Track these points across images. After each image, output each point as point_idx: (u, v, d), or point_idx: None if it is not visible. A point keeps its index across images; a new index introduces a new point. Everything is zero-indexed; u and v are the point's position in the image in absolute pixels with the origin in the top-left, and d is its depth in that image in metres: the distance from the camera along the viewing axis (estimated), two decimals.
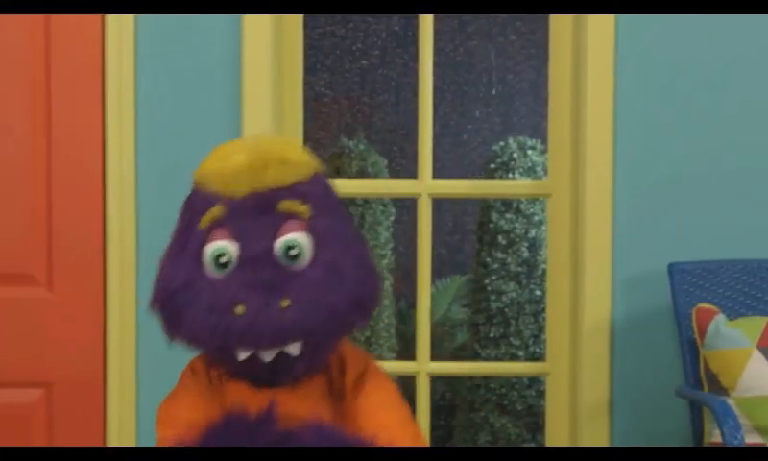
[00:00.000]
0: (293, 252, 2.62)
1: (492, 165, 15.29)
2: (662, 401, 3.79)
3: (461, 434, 15.50)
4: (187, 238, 2.73)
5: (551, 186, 3.84)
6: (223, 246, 2.63)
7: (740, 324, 3.47)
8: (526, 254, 15.18)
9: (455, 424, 16.11)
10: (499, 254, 16.02)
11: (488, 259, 15.93)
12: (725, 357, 3.43)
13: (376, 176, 15.56)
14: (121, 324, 4.22)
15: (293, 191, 2.71)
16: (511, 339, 15.97)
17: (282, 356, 2.60)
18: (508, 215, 16.19)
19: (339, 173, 15.51)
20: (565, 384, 3.85)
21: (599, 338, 3.75)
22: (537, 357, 14.59)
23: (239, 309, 2.58)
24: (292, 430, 2.55)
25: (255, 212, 2.71)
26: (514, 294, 16.27)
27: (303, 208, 2.69)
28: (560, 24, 3.83)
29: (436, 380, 15.74)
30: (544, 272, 15.21)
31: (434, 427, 16.50)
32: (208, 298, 2.62)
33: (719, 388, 3.39)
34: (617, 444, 3.81)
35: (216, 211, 2.70)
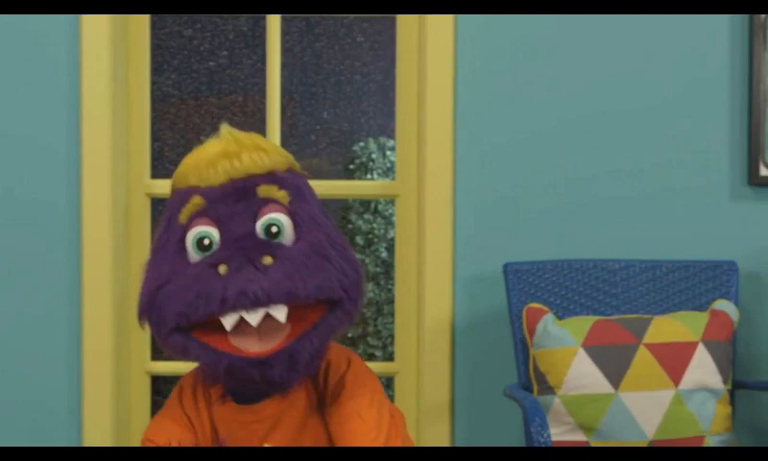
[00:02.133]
0: (274, 229, 2.52)
1: (352, 166, 15.27)
2: (500, 401, 3.80)
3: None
4: (168, 237, 2.61)
5: (399, 187, 3.81)
6: (204, 230, 2.53)
7: (569, 323, 3.47)
8: (384, 255, 15.21)
9: None
10: (358, 255, 16.00)
11: None
12: (552, 356, 3.43)
13: None
14: None
15: (270, 177, 2.65)
16: (369, 339, 15.98)
17: (273, 360, 2.47)
18: (366, 216, 16.20)
19: None
20: (413, 384, 3.82)
21: (441, 338, 3.72)
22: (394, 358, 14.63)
23: (222, 268, 2.49)
24: None
25: (234, 198, 2.64)
26: (372, 294, 16.28)
27: (282, 194, 2.63)
28: (405, 25, 3.80)
29: None
30: None
31: None
32: (192, 276, 2.50)
33: (547, 387, 3.38)
34: (459, 444, 3.79)
35: (195, 202, 2.62)
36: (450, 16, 3.79)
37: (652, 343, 3.53)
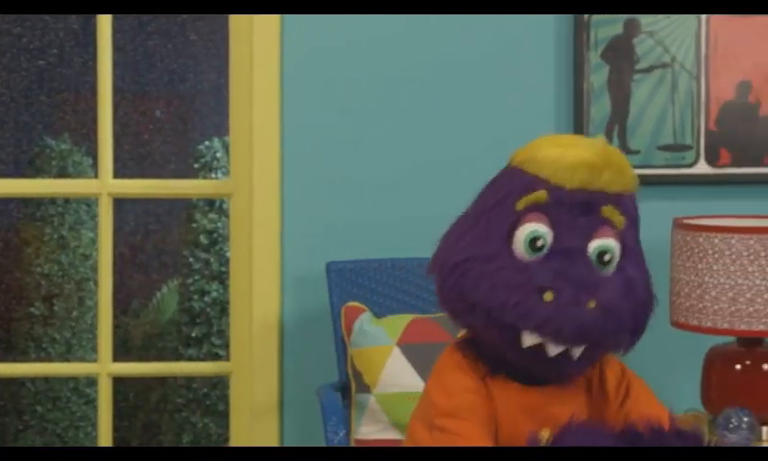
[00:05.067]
0: (606, 257, 2.47)
1: (197, 165, 15.17)
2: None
3: (166, 434, 15.34)
4: (497, 215, 2.50)
5: (233, 186, 3.80)
6: (541, 231, 2.43)
7: (385, 322, 3.47)
8: (229, 254, 15.17)
9: (149, 424, 15.92)
10: (202, 254, 15.88)
11: (191, 259, 15.78)
12: (368, 355, 3.42)
13: (79, 175, 15.17)
14: None
15: (617, 200, 2.57)
16: (212, 339, 15.88)
17: (563, 356, 2.41)
18: (211, 215, 16.09)
19: (39, 173, 15.10)
20: (247, 383, 3.81)
21: (269, 338, 3.73)
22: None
23: (548, 295, 2.41)
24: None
25: (578, 208, 2.55)
26: (216, 294, 16.16)
27: (621, 219, 2.57)
28: (237, 24, 3.80)
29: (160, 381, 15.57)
30: None
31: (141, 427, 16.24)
32: (514, 275, 2.41)
33: (363, 385, 3.39)
34: (287, 443, 3.80)
35: (540, 195, 2.51)
36: (276, 16, 3.80)
37: None
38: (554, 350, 2.30)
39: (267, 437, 3.76)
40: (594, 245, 2.40)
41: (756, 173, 3.33)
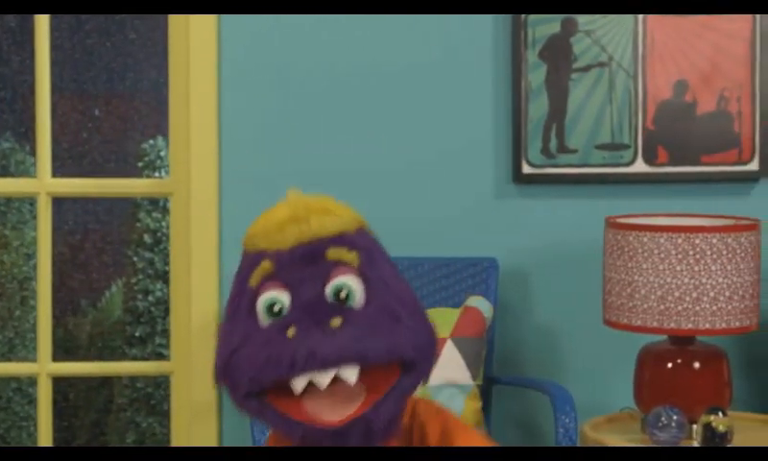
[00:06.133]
0: (343, 293, 2.46)
1: (141, 163, 15.09)
2: None
3: (111, 435, 15.26)
4: (240, 301, 2.52)
5: (172, 185, 3.78)
6: (274, 295, 2.47)
7: None
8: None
9: (94, 424, 15.83)
10: (146, 254, 15.79)
11: (135, 259, 15.68)
12: None
13: (21, 174, 15.04)
14: None
15: (340, 240, 2.60)
16: (157, 338, 15.81)
17: (342, 388, 2.40)
18: (155, 214, 16.01)
19: None
20: (187, 383, 3.80)
21: (209, 337, 3.72)
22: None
23: (290, 332, 2.40)
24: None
25: (304, 262, 2.59)
26: (160, 293, 16.09)
27: (352, 256, 2.58)
28: (176, 23, 3.78)
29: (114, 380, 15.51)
30: None
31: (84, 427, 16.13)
32: (263, 341, 2.41)
33: None
34: (227, 444, 3.78)
35: (265, 266, 2.56)
36: (213, 16, 3.79)
37: None
38: (323, 380, 2.33)
39: (206, 437, 3.75)
40: (330, 287, 2.44)
41: (694, 172, 3.35)
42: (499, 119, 3.61)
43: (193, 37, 3.72)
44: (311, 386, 2.31)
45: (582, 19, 3.33)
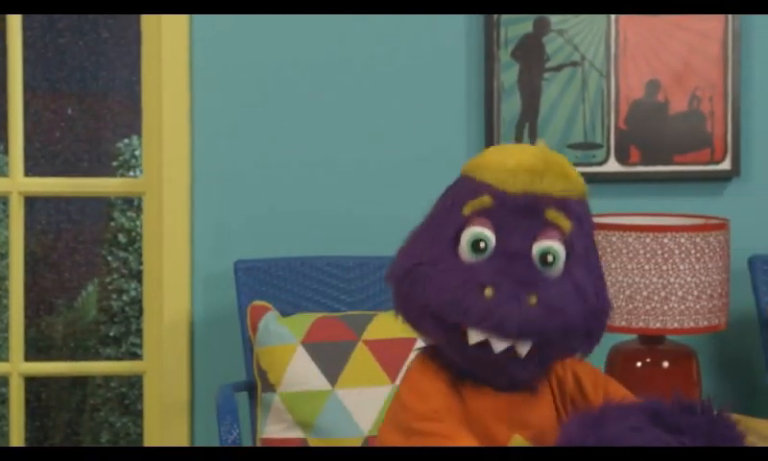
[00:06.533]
0: (549, 258, 2.46)
1: (116, 163, 15.06)
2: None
3: (85, 435, 15.23)
4: (446, 221, 2.52)
5: (145, 184, 3.78)
6: (484, 233, 2.44)
7: (290, 321, 3.48)
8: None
9: (68, 423, 15.80)
10: (121, 253, 15.76)
11: (109, 258, 15.65)
12: (272, 354, 3.43)
13: None
14: None
15: (562, 204, 2.60)
16: (131, 338, 15.78)
17: (511, 356, 2.40)
18: (129, 213, 15.98)
19: None
20: (159, 382, 3.79)
21: (180, 337, 3.71)
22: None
23: (488, 291, 2.43)
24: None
25: (522, 212, 2.60)
26: (135, 293, 16.06)
27: (567, 223, 2.59)
28: (149, 22, 3.77)
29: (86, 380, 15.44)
30: None
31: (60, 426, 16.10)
32: (458, 275, 2.41)
33: (268, 385, 3.39)
34: (198, 443, 3.78)
35: (484, 200, 2.55)
36: (185, 16, 3.79)
37: (371, 339, 3.58)
38: (499, 345, 2.34)
39: (178, 436, 3.75)
40: (537, 247, 2.45)
41: (666, 171, 3.37)
42: (472, 119, 3.61)
43: (165, 37, 3.72)
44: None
45: (554, 19, 3.33)
